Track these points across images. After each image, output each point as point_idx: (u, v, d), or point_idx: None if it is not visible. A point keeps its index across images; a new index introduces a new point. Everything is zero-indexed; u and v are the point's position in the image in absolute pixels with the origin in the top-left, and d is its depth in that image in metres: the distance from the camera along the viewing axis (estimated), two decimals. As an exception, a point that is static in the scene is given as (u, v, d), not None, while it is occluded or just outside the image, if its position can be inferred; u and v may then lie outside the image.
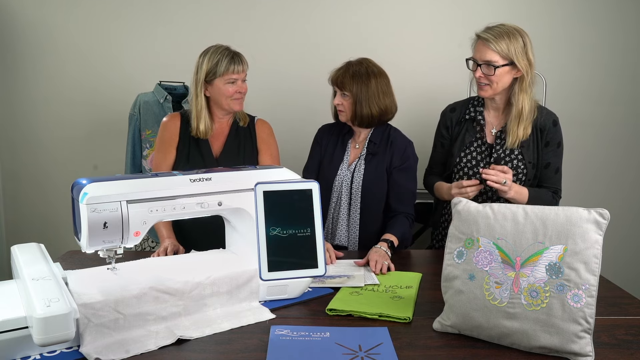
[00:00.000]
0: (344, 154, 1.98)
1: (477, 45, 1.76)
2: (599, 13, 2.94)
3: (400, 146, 1.94)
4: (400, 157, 1.92)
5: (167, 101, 2.58)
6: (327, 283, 1.47)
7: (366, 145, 1.95)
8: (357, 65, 1.90)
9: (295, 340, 1.13)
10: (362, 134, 1.98)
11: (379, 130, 1.96)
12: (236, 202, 1.34)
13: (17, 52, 2.99)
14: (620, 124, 3.01)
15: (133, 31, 2.98)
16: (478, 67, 1.75)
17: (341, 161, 1.96)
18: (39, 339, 0.93)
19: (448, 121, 1.94)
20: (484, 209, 1.17)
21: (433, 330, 1.19)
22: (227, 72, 1.84)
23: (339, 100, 1.90)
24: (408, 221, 1.90)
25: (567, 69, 2.97)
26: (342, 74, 1.88)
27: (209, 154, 1.89)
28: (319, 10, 2.99)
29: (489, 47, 1.71)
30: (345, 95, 1.88)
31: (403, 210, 1.91)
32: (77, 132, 3.06)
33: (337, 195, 1.94)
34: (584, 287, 1.04)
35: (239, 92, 1.88)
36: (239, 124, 1.98)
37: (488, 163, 1.82)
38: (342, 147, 1.99)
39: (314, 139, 2.07)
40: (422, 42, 3.00)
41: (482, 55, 1.73)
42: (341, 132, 2.01)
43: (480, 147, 1.86)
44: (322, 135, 2.05)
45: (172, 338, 1.13)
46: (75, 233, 1.20)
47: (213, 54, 1.87)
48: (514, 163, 1.81)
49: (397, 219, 1.88)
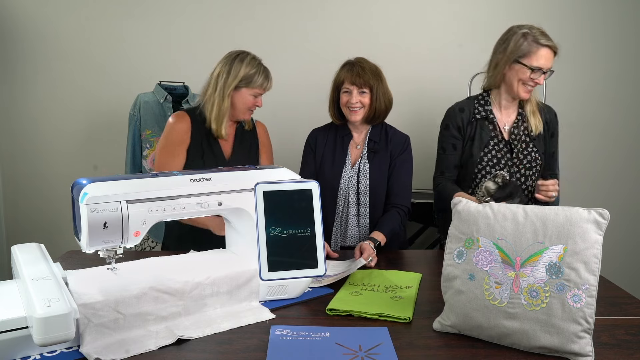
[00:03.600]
0: (346, 155, 1.97)
1: (546, 53, 1.80)
2: (598, 13, 2.94)
3: (400, 140, 1.98)
4: (400, 150, 1.96)
5: (167, 101, 2.58)
6: (324, 282, 1.48)
7: (366, 144, 1.95)
8: (364, 62, 1.93)
9: (295, 340, 1.13)
10: (362, 134, 1.99)
11: (376, 128, 1.98)
12: (236, 202, 1.34)
13: (17, 52, 2.99)
14: (620, 124, 3.01)
15: (133, 31, 2.98)
16: (543, 74, 1.81)
17: (343, 163, 1.96)
18: (39, 339, 0.93)
19: (459, 121, 1.93)
20: (484, 209, 1.17)
21: (433, 330, 1.19)
22: (260, 86, 1.85)
23: (356, 98, 1.88)
24: (399, 215, 1.91)
25: (567, 69, 2.97)
26: (361, 71, 1.88)
27: (221, 155, 1.89)
28: (319, 10, 2.99)
29: (553, 56, 1.82)
30: (364, 92, 1.88)
31: (400, 203, 1.93)
32: (77, 132, 3.06)
33: (345, 197, 1.94)
34: (584, 287, 1.04)
35: (257, 105, 1.89)
36: (243, 127, 1.98)
37: (510, 159, 1.87)
38: (342, 149, 1.98)
39: (307, 146, 2.05)
40: (422, 42, 3.00)
41: (550, 64, 1.82)
42: (337, 134, 2.00)
43: (497, 144, 1.89)
44: (315, 141, 2.03)
45: (172, 338, 1.13)
46: (75, 233, 1.20)
47: (250, 63, 1.85)
48: (531, 155, 1.89)
49: (389, 214, 1.90)
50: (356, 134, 1.99)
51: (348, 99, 1.90)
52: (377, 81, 1.90)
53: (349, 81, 1.89)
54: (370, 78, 1.88)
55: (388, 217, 1.89)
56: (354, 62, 1.93)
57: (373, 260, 1.67)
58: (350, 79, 1.89)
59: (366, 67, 1.90)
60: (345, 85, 1.91)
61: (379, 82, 1.91)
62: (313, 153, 2.02)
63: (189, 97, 2.64)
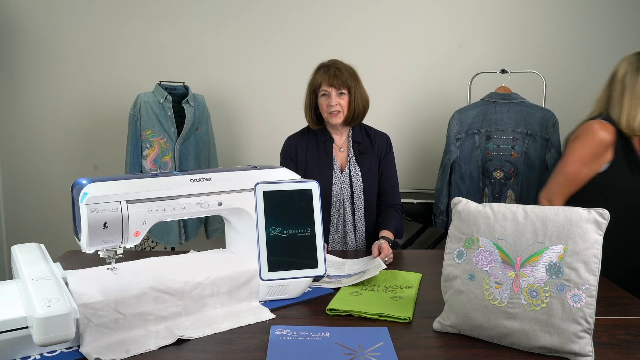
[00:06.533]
0: (332, 161, 1.93)
1: None
2: (598, 13, 2.94)
3: (382, 139, 1.98)
4: (385, 150, 1.96)
5: (167, 101, 2.58)
6: (343, 283, 1.47)
7: (351, 146, 1.94)
8: (339, 63, 1.91)
9: (295, 340, 1.13)
10: (343, 137, 1.96)
11: (356, 129, 1.96)
12: (236, 202, 1.34)
13: (17, 52, 2.99)
14: (620, 124, 3.00)
15: (133, 31, 2.98)
16: None
17: (331, 169, 1.92)
18: (39, 339, 0.93)
19: None
20: (484, 209, 1.17)
21: (433, 330, 1.19)
22: None
23: (335, 100, 1.86)
24: (398, 214, 1.93)
25: (566, 69, 2.97)
26: (337, 72, 1.86)
27: None
28: (318, 10, 2.99)
29: None
30: (343, 94, 1.87)
31: (393, 202, 1.94)
32: (77, 132, 3.06)
33: (339, 204, 1.92)
34: (584, 287, 1.04)
35: None
36: None
37: None
38: (326, 154, 1.93)
39: (284, 155, 1.98)
40: (422, 42, 3.00)
41: None
42: (318, 139, 1.95)
43: None
44: (293, 149, 1.97)
45: (172, 338, 1.13)
46: (75, 233, 1.20)
47: None
48: None
49: (389, 213, 1.91)
50: (337, 137, 1.96)
51: (328, 102, 1.87)
52: (354, 81, 1.88)
53: (327, 83, 1.86)
54: (348, 78, 1.86)
55: (390, 216, 1.89)
56: (329, 64, 1.91)
57: (389, 260, 1.67)
58: (327, 80, 1.86)
59: (342, 67, 1.88)
60: (322, 88, 1.87)
61: (356, 82, 1.89)
62: (293, 161, 1.96)
63: (189, 97, 2.64)
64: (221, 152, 2.97)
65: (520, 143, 2.41)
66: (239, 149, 3.09)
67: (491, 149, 2.46)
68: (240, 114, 3.04)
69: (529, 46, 2.96)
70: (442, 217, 2.57)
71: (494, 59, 2.92)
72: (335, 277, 1.52)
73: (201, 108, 2.72)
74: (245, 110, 3.04)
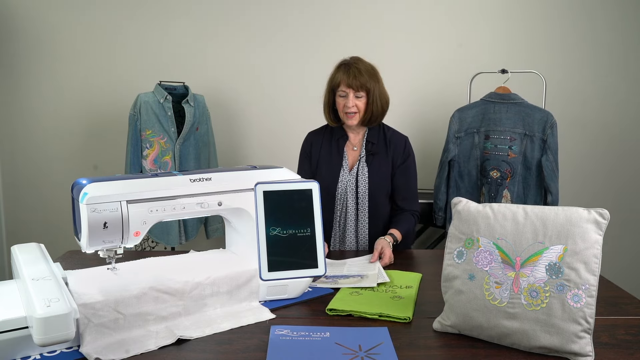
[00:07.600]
0: (342, 159, 1.93)
1: None
2: (598, 13, 2.94)
3: (400, 143, 1.94)
4: (402, 154, 1.93)
5: (167, 101, 2.58)
6: (340, 284, 1.47)
7: (364, 146, 1.92)
8: (360, 62, 1.86)
9: (295, 340, 1.13)
10: (359, 136, 1.95)
11: (374, 129, 1.94)
12: (236, 202, 1.34)
13: (17, 52, 2.99)
14: (620, 124, 3.01)
15: (133, 31, 2.98)
16: None
17: (340, 167, 1.92)
18: (39, 339, 0.93)
19: None
20: (484, 209, 1.17)
21: (433, 330, 1.19)
22: None
23: (353, 102, 1.83)
24: (413, 218, 1.92)
25: (566, 69, 2.97)
26: (357, 73, 1.82)
27: None
28: (319, 11, 2.99)
29: None
30: (360, 96, 1.84)
31: (409, 208, 1.93)
32: (77, 132, 3.06)
33: (343, 202, 1.91)
34: (584, 287, 1.04)
35: None
36: None
37: None
38: (338, 152, 1.93)
39: (302, 151, 2.00)
40: (422, 42, 3.00)
41: None
42: (333, 137, 1.95)
43: None
44: (309, 145, 1.98)
45: (172, 338, 1.13)
46: (75, 233, 1.20)
47: None
48: None
49: (404, 215, 1.90)
50: (352, 135, 1.95)
51: (344, 103, 1.84)
52: (374, 82, 1.84)
53: (345, 84, 1.83)
54: (367, 80, 1.82)
55: (404, 219, 1.88)
56: (350, 62, 1.87)
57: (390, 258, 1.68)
58: (346, 81, 1.82)
59: (362, 68, 1.83)
60: (341, 88, 1.85)
61: (376, 83, 1.85)
62: (308, 158, 1.97)
63: (189, 97, 2.64)
64: (221, 152, 2.97)
65: (518, 143, 2.41)
66: (239, 149, 3.09)
67: (489, 149, 2.46)
68: (240, 114, 3.04)
69: (528, 46, 2.96)
70: (441, 213, 2.58)
71: (494, 59, 2.92)
72: (332, 278, 1.52)
73: (201, 108, 2.72)
74: (245, 110, 3.04)
